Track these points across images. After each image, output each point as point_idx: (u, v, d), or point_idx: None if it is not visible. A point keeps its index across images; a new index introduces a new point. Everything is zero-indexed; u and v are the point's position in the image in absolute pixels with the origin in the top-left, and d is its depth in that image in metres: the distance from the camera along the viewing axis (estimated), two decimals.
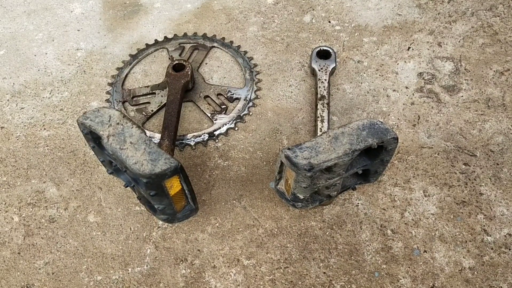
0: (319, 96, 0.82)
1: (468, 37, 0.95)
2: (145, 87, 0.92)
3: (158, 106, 0.88)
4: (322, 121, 0.80)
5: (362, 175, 0.69)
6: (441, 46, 0.94)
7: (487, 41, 0.94)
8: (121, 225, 0.75)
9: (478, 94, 0.86)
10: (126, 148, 0.57)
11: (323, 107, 0.81)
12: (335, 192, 0.69)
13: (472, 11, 0.99)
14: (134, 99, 0.90)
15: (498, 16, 0.97)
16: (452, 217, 0.72)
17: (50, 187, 0.80)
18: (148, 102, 0.89)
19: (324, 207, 0.75)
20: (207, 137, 0.84)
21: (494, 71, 0.88)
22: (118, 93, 0.91)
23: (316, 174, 0.63)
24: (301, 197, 0.67)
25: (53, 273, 0.72)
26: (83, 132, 0.63)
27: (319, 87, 0.84)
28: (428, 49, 0.94)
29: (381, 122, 0.62)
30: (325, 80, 0.86)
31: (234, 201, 0.77)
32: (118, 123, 0.60)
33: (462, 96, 0.86)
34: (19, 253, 0.74)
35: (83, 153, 0.84)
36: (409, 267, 0.69)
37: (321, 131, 0.78)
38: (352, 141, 0.62)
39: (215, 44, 0.98)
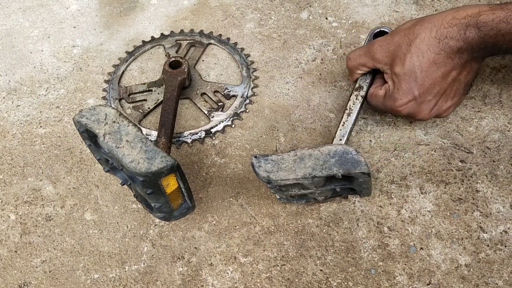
0: (357, 85, 0.76)
1: None
2: (141, 84, 0.91)
3: (155, 103, 0.88)
4: (349, 114, 0.75)
5: (351, 188, 0.69)
6: None
7: None
8: (117, 223, 0.75)
9: (474, 91, 0.86)
10: (122, 146, 0.57)
11: (356, 99, 0.76)
12: (322, 198, 0.69)
13: None
14: (131, 96, 0.90)
15: None
16: (448, 214, 0.73)
17: (47, 185, 0.80)
18: (145, 100, 0.89)
19: (321, 204, 0.75)
20: (204, 135, 0.84)
21: (490, 68, 0.88)
22: (115, 90, 0.91)
23: (280, 186, 0.63)
24: (278, 196, 0.68)
25: (50, 271, 0.72)
26: (79, 130, 0.63)
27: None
28: None
29: (356, 152, 0.61)
30: None
31: (231, 199, 0.77)
32: (114, 121, 0.59)
33: None
34: (15, 251, 0.74)
35: (80, 151, 0.83)
36: (405, 264, 0.69)
37: (343, 125, 0.74)
38: (316, 166, 0.61)
39: (212, 41, 0.98)
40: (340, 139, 0.74)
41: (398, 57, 0.68)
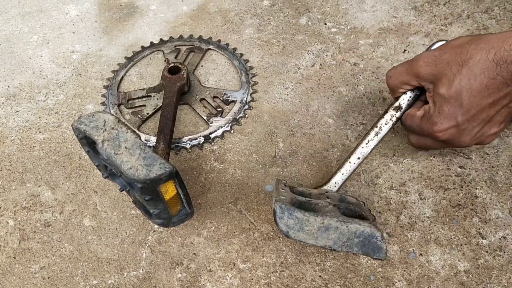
0: (396, 103, 0.70)
1: None
2: (140, 90, 0.92)
3: (154, 109, 0.88)
4: (377, 134, 0.70)
5: None
6: None
7: None
8: (116, 229, 0.75)
9: None
10: (121, 153, 0.57)
11: (391, 119, 0.70)
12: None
13: (467, 13, 0.99)
14: (130, 102, 0.90)
15: (494, 18, 0.98)
16: (447, 220, 0.73)
17: (45, 191, 0.80)
18: (144, 105, 0.89)
19: None
20: (203, 140, 0.84)
21: None
22: (114, 96, 0.91)
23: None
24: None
25: (48, 278, 0.71)
26: (77, 137, 0.63)
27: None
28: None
29: (382, 237, 0.58)
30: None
31: (230, 205, 0.77)
32: (113, 128, 0.59)
33: None
34: (14, 258, 0.73)
35: (79, 156, 0.83)
36: (404, 271, 0.69)
37: (367, 144, 0.69)
38: (338, 241, 0.58)
39: (211, 47, 0.98)
40: (359, 157, 0.70)
41: (446, 77, 0.61)
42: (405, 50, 0.94)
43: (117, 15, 1.06)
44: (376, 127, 0.70)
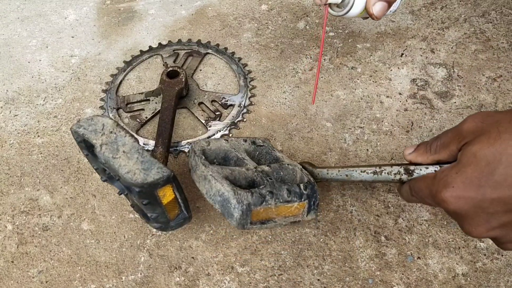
0: (412, 168, 0.56)
1: (460, 44, 0.95)
2: (139, 93, 0.92)
3: (152, 113, 0.88)
4: (374, 173, 0.61)
5: None
6: (434, 52, 0.94)
7: (479, 47, 0.94)
8: (115, 232, 0.75)
9: (471, 100, 0.86)
10: (119, 157, 0.57)
11: (394, 177, 0.58)
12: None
13: (464, 17, 1.00)
14: (128, 106, 0.90)
15: (491, 22, 0.98)
16: (445, 223, 0.73)
17: (44, 194, 0.80)
18: (142, 109, 0.89)
19: (318, 214, 0.75)
20: None
21: (486, 77, 0.89)
22: (112, 100, 0.91)
23: None
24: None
25: (46, 282, 0.71)
26: (76, 140, 0.63)
27: None
28: (421, 56, 0.94)
29: (238, 206, 0.57)
30: None
31: None
32: (111, 132, 0.60)
33: (455, 102, 0.86)
34: (12, 262, 0.73)
35: (77, 160, 0.84)
36: (402, 274, 0.69)
37: (360, 174, 0.63)
38: (209, 192, 0.61)
39: (210, 51, 0.98)
40: (347, 175, 0.66)
41: (488, 134, 0.44)
42: (402, 54, 0.95)
43: (116, 20, 1.07)
44: (377, 171, 0.61)
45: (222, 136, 0.85)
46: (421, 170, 0.52)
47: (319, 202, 0.67)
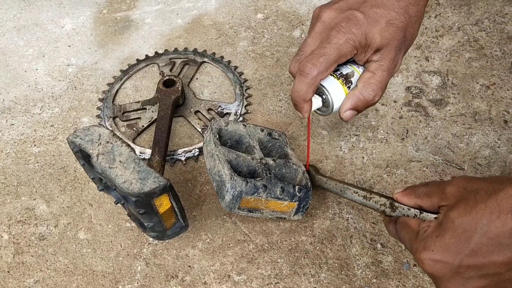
0: (396, 205, 0.58)
1: (454, 52, 0.96)
2: (135, 102, 0.92)
3: (149, 121, 0.89)
4: (364, 197, 0.64)
5: None
6: (428, 60, 0.95)
7: (473, 55, 0.95)
8: (111, 241, 0.75)
9: (465, 108, 0.87)
10: (115, 167, 0.57)
11: (379, 207, 0.61)
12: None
13: (458, 25, 1.01)
14: (125, 114, 0.90)
15: (484, 30, 0.99)
16: None
17: (40, 204, 0.80)
18: (139, 118, 0.90)
19: (314, 221, 0.75)
20: (198, 152, 0.84)
21: (480, 85, 0.90)
22: (109, 108, 0.91)
23: None
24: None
25: None
26: (73, 150, 0.63)
27: None
28: (415, 64, 0.95)
29: (231, 191, 0.62)
30: None
31: (225, 217, 0.77)
32: (107, 142, 0.60)
33: (449, 110, 0.87)
34: (8, 272, 0.73)
35: (74, 169, 0.84)
36: (399, 281, 0.69)
37: (352, 194, 0.66)
38: (212, 170, 0.66)
39: (206, 59, 0.99)
40: (341, 190, 0.68)
41: (466, 202, 0.47)
42: None
43: (112, 29, 1.07)
44: (367, 196, 0.63)
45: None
46: (403, 209, 0.56)
47: (308, 206, 0.71)
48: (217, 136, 0.68)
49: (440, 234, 0.47)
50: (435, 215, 0.51)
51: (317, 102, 0.64)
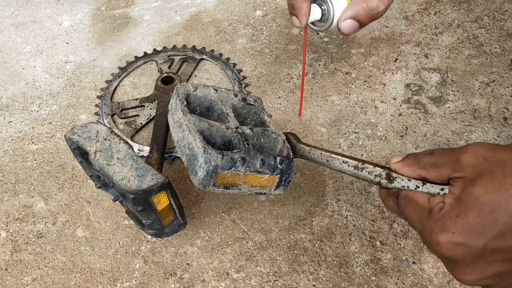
0: (394, 175, 0.52)
1: (454, 49, 0.96)
2: (134, 99, 0.92)
3: (147, 119, 0.88)
4: (356, 168, 0.57)
5: None
6: (427, 57, 0.95)
7: (472, 52, 0.95)
8: (109, 239, 0.75)
9: (464, 105, 0.87)
10: (113, 164, 0.57)
11: (374, 178, 0.55)
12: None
13: (458, 23, 1.01)
14: (123, 112, 0.90)
15: (483, 27, 0.99)
16: None
17: (38, 201, 0.80)
18: (137, 115, 0.89)
19: (313, 219, 0.75)
20: None
21: (480, 82, 0.90)
22: (107, 106, 0.91)
23: None
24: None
25: None
26: (70, 147, 0.63)
27: None
28: (415, 61, 0.95)
29: (204, 166, 0.54)
30: None
31: (223, 214, 0.77)
32: (105, 139, 0.60)
33: (449, 107, 0.87)
34: (6, 269, 0.73)
35: (72, 167, 0.83)
36: (398, 279, 0.69)
37: (341, 164, 0.59)
38: (180, 142, 0.59)
39: (204, 57, 0.98)
40: (327, 160, 0.60)
41: (492, 176, 0.41)
42: (396, 59, 0.95)
43: (110, 26, 1.07)
44: (359, 166, 0.56)
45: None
46: (402, 180, 0.50)
47: (291, 179, 0.63)
48: (185, 103, 0.60)
49: (461, 213, 0.41)
50: (441, 187, 0.45)
51: (315, 12, 0.56)
